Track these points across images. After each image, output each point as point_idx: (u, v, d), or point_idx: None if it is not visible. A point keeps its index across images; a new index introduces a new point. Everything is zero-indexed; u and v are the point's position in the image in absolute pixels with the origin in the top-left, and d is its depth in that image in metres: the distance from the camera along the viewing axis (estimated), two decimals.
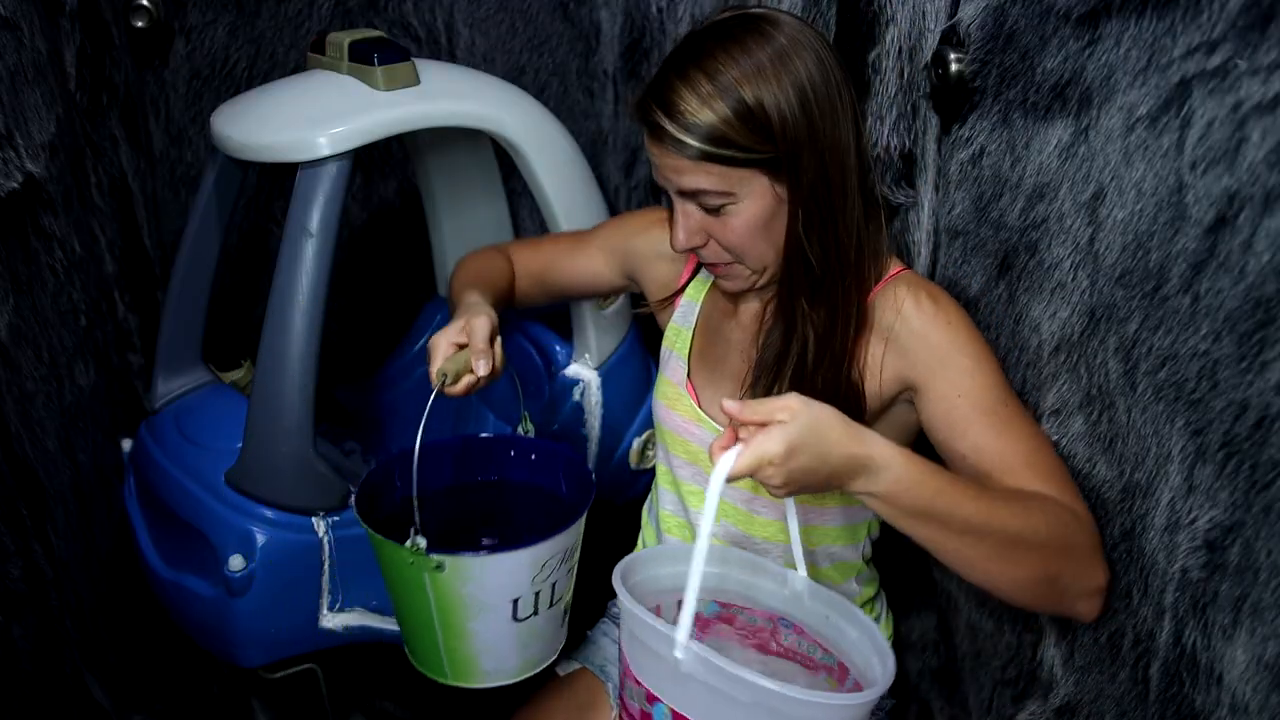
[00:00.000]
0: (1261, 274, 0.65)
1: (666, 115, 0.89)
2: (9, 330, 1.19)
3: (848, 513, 1.04)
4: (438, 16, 1.57)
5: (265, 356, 1.14)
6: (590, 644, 1.22)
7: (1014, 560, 0.79)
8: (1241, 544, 0.68)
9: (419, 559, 0.91)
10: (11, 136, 1.17)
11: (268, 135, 1.14)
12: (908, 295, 0.95)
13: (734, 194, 0.90)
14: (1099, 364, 0.82)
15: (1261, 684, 0.67)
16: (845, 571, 1.08)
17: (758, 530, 1.06)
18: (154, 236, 1.51)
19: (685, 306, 1.12)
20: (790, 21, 0.91)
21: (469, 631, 0.96)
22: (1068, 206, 0.83)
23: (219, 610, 1.18)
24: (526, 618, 0.96)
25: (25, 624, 1.25)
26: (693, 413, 1.07)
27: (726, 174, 0.89)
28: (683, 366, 1.09)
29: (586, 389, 1.41)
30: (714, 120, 0.87)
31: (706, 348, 1.09)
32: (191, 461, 1.24)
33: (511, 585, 0.94)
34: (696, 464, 1.08)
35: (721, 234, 0.94)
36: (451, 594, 0.93)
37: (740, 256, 0.95)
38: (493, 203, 1.60)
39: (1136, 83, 0.74)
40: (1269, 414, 0.65)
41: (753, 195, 0.91)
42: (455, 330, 0.99)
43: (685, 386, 1.08)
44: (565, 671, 1.17)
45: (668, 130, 0.89)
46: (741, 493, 1.05)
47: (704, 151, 0.88)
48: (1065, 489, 0.84)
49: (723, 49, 0.88)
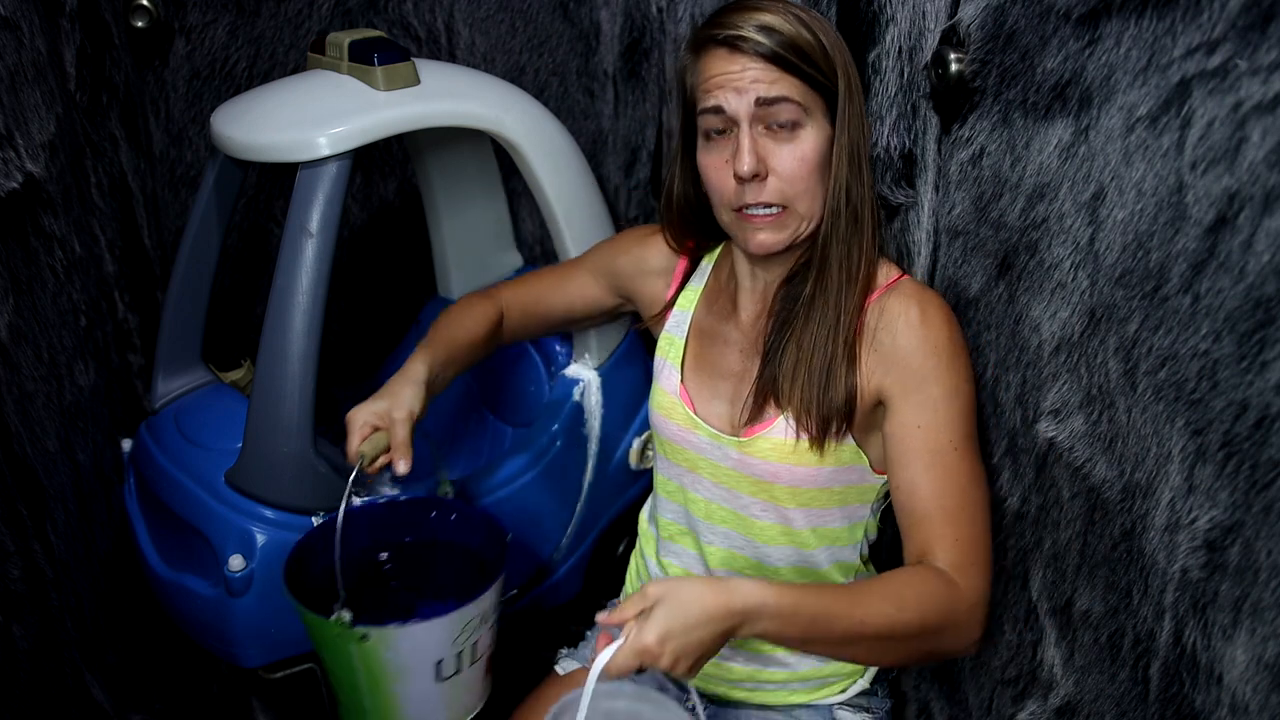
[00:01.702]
0: (1261, 274, 0.65)
1: (747, 24, 0.93)
2: (9, 330, 1.19)
3: (847, 512, 1.04)
4: (438, 16, 1.57)
5: (266, 356, 1.14)
6: (589, 643, 1.22)
7: (892, 649, 0.89)
8: (1241, 544, 0.69)
9: (344, 631, 0.94)
10: (11, 136, 1.17)
11: (268, 135, 1.14)
12: (901, 309, 0.96)
13: (808, 109, 0.94)
14: (1099, 364, 0.82)
15: (1261, 684, 0.68)
16: (845, 570, 1.08)
17: (758, 534, 1.06)
18: (154, 236, 1.51)
19: (677, 316, 1.12)
20: None
21: (394, 694, 0.98)
22: (1068, 206, 0.83)
23: (219, 610, 1.18)
24: (450, 676, 0.99)
25: (25, 624, 1.25)
26: (688, 419, 1.07)
27: (803, 89, 0.94)
28: (676, 374, 1.09)
29: (587, 389, 1.41)
30: (795, 32, 0.93)
31: (701, 352, 1.09)
32: (192, 461, 1.24)
33: (434, 649, 0.96)
34: (696, 471, 1.08)
35: (782, 164, 0.95)
36: (377, 661, 0.95)
37: (793, 198, 0.96)
38: (493, 203, 1.60)
39: (1136, 83, 0.74)
40: (1269, 414, 0.65)
41: (816, 123, 0.95)
42: (373, 414, 1.02)
43: (679, 394, 1.08)
44: (565, 670, 1.18)
45: (750, 36, 0.93)
46: (739, 500, 1.05)
47: (786, 58, 0.92)
48: (970, 549, 0.92)
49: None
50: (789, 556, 1.06)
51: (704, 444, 1.06)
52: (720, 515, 1.07)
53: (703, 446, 1.06)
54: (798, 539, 1.04)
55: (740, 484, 1.04)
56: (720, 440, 1.04)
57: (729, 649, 1.08)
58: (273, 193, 1.60)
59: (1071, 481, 0.88)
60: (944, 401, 0.94)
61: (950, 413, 0.94)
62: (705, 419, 1.06)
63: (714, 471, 1.06)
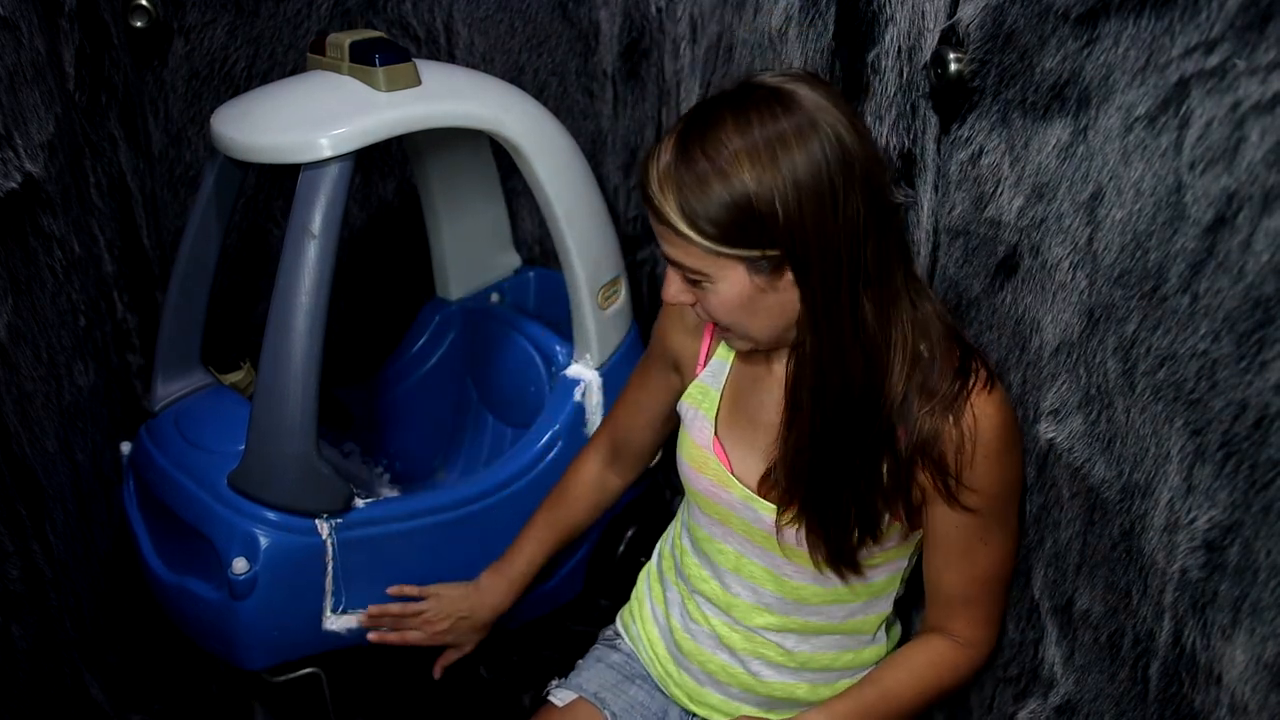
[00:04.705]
0: (1260, 274, 0.65)
1: (656, 180, 0.86)
2: (8, 330, 1.19)
3: (888, 568, 1.03)
4: (437, 16, 1.57)
5: (268, 358, 1.14)
6: (584, 671, 1.18)
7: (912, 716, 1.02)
8: (1241, 544, 0.69)
9: None
10: (10, 136, 1.17)
11: (269, 136, 1.14)
12: (967, 440, 0.89)
13: (708, 274, 0.87)
14: (1098, 364, 0.82)
15: (1260, 684, 0.68)
16: (874, 624, 1.06)
17: (791, 593, 1.03)
18: (153, 236, 1.51)
19: (714, 366, 1.06)
20: (809, 101, 0.84)
21: None
22: (1066, 206, 0.83)
23: (222, 613, 1.18)
24: None
25: (24, 624, 1.25)
26: (722, 476, 1.01)
27: (702, 256, 0.86)
28: (709, 427, 1.03)
29: (588, 389, 1.41)
30: (697, 203, 0.83)
31: (737, 407, 1.03)
32: (193, 464, 1.24)
33: None
34: (728, 525, 1.03)
35: (703, 301, 0.91)
36: None
37: (725, 327, 0.93)
38: (491, 203, 1.60)
39: (1135, 82, 0.74)
40: (1268, 414, 0.65)
41: (727, 280, 0.87)
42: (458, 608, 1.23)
43: (712, 448, 1.03)
44: (562, 701, 1.14)
45: (652, 194, 0.86)
46: (772, 559, 1.01)
47: (679, 230, 0.85)
48: (986, 623, 1.00)
49: (728, 127, 0.83)
50: (820, 613, 1.04)
51: (736, 502, 1.01)
52: (750, 569, 1.04)
53: (734, 504, 1.01)
54: (832, 597, 1.02)
55: (772, 545, 1.00)
56: (753, 503, 0.99)
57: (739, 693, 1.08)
58: (271, 193, 1.60)
59: (1071, 481, 0.88)
60: (987, 511, 0.93)
61: (986, 519, 0.93)
62: (740, 476, 1.01)
63: (747, 530, 1.02)
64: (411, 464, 1.62)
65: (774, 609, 1.04)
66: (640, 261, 1.74)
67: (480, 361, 1.59)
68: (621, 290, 1.43)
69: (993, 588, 0.98)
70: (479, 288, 1.62)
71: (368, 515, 1.22)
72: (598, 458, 1.26)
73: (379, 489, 1.56)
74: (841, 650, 1.07)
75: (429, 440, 1.63)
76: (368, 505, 1.22)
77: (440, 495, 1.31)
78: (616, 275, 1.42)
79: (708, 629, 1.08)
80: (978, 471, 0.90)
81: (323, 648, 1.23)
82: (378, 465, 1.61)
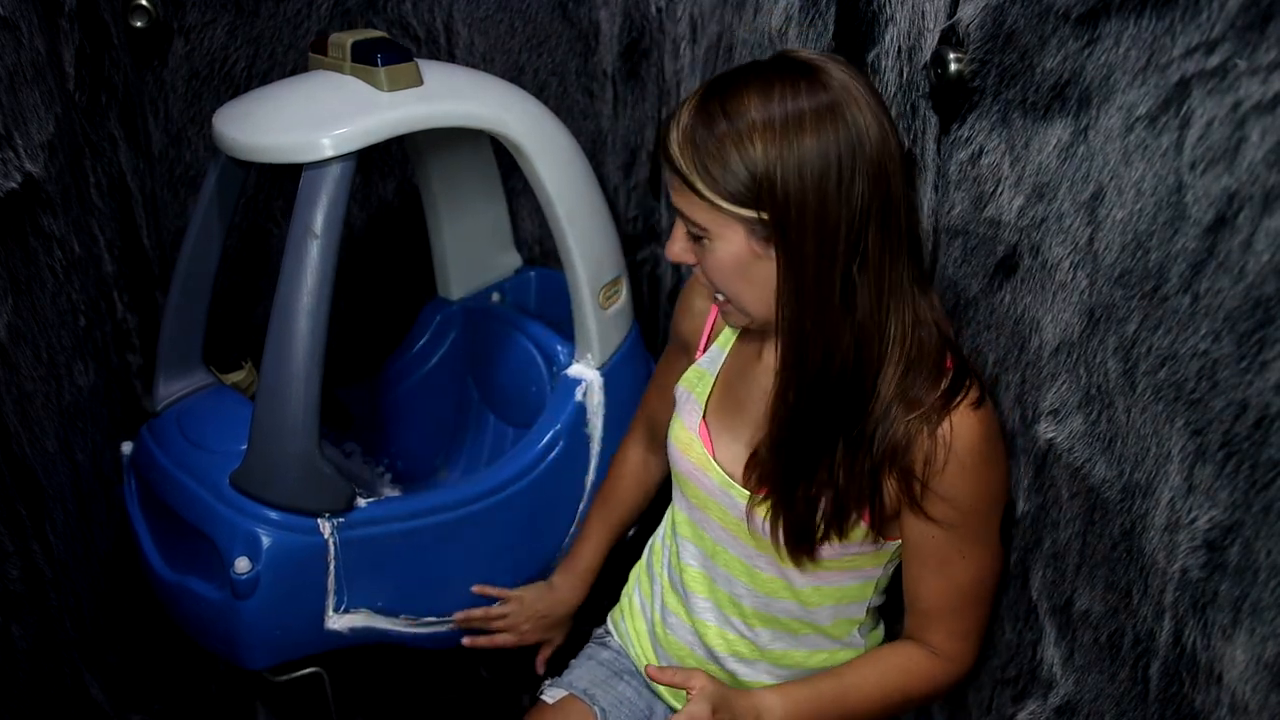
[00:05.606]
0: (1261, 274, 0.65)
1: (676, 130, 0.88)
2: (8, 330, 1.19)
3: (859, 574, 1.03)
4: (437, 16, 1.57)
5: (270, 358, 1.14)
6: (575, 669, 1.20)
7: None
8: (1241, 544, 0.69)
9: None
10: (10, 136, 1.17)
11: (271, 136, 1.14)
12: (944, 452, 0.89)
13: (709, 230, 0.88)
14: (1098, 364, 0.82)
15: (1261, 684, 0.68)
16: (847, 627, 1.07)
17: (762, 586, 1.04)
18: (153, 236, 1.51)
19: (712, 352, 1.08)
20: (837, 82, 0.85)
21: None
22: (1067, 206, 0.84)
23: (224, 613, 1.18)
24: None
25: (24, 624, 1.25)
26: (703, 459, 1.04)
27: (706, 210, 0.87)
28: (698, 411, 1.06)
29: (589, 389, 1.41)
30: (709, 158, 0.85)
31: (728, 393, 1.05)
32: (195, 464, 1.24)
33: None
34: (706, 510, 1.05)
35: (702, 261, 0.92)
36: None
37: (725, 293, 0.93)
38: (492, 202, 1.60)
39: (1136, 82, 0.74)
40: (1269, 413, 0.65)
41: (725, 239, 0.88)
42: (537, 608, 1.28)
43: (698, 431, 1.05)
44: (553, 699, 1.16)
45: (670, 142, 0.88)
46: (744, 549, 1.03)
47: (687, 178, 0.87)
48: (964, 637, 0.99)
49: (752, 94, 0.85)
50: (790, 610, 1.04)
51: (714, 487, 1.03)
52: (725, 559, 1.05)
53: (713, 489, 1.03)
54: (799, 596, 1.03)
55: (744, 534, 1.01)
56: (730, 489, 1.01)
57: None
58: (272, 193, 1.60)
59: (1071, 481, 0.88)
60: (970, 517, 0.92)
61: (968, 529, 0.93)
62: (721, 462, 1.02)
63: (722, 517, 1.03)
64: (413, 463, 1.62)
65: (746, 602, 1.05)
66: (640, 261, 1.75)
67: (481, 361, 1.59)
68: (623, 290, 1.43)
69: (971, 603, 0.97)
70: (480, 287, 1.62)
71: (370, 515, 1.22)
72: (638, 445, 1.31)
73: (381, 489, 1.57)
74: (814, 650, 1.07)
75: (430, 440, 1.63)
76: (370, 505, 1.22)
77: (442, 495, 1.31)
78: (617, 275, 1.42)
79: (687, 624, 1.10)
80: (947, 482, 0.90)
81: (325, 647, 1.23)
82: (379, 465, 1.61)
